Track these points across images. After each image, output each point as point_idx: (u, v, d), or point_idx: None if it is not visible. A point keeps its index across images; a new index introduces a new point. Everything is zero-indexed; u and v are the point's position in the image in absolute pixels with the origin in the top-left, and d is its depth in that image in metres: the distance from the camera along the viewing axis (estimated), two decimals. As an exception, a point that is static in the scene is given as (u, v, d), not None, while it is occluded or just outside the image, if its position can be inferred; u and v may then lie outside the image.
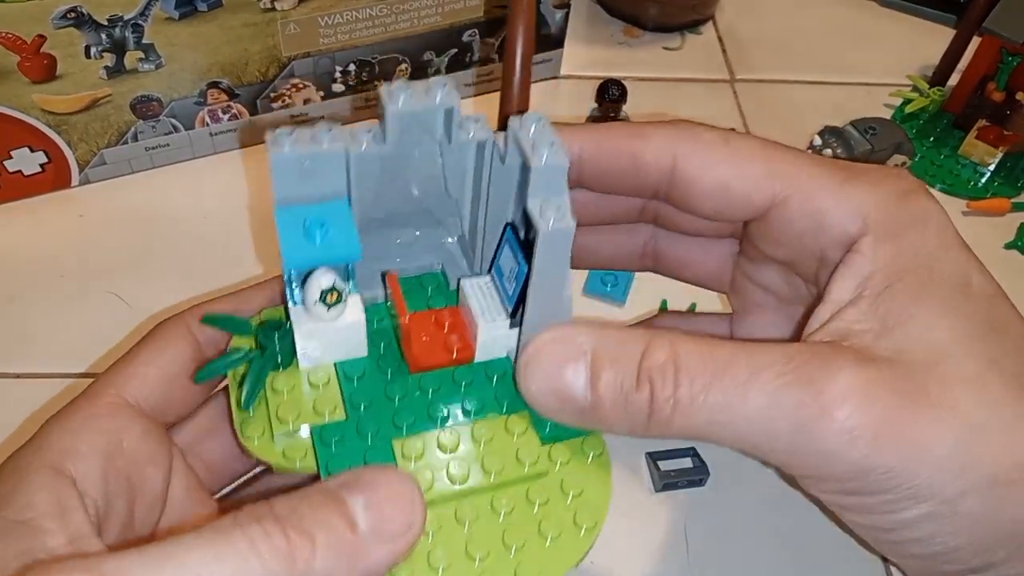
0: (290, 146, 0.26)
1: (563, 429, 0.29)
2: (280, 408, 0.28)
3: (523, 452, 0.28)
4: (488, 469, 0.27)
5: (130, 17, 0.50)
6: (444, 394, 0.29)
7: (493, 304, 0.30)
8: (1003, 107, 0.61)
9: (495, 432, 0.28)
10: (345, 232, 0.27)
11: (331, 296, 0.28)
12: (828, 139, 0.57)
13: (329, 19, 0.55)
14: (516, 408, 0.29)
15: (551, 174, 0.26)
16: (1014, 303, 0.54)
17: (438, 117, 0.28)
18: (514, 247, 0.28)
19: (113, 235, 0.54)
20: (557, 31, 0.64)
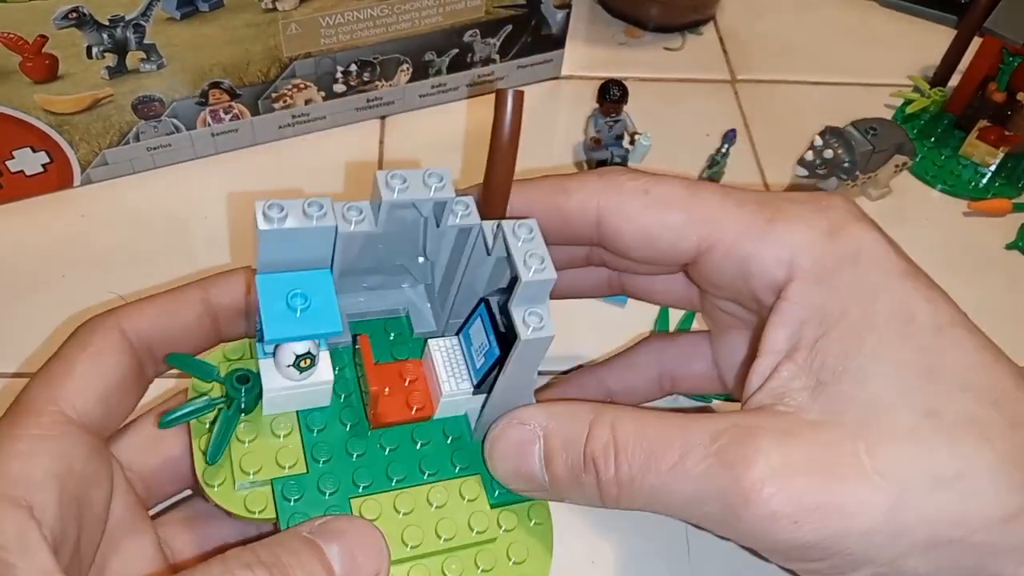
0: (279, 222, 0.26)
1: (512, 495, 0.31)
2: (243, 459, 0.29)
3: (474, 519, 0.30)
4: (440, 534, 0.29)
5: (131, 17, 0.50)
6: (402, 454, 0.30)
7: (458, 369, 0.31)
8: (1004, 108, 0.61)
9: (449, 496, 0.30)
10: (327, 306, 0.28)
11: (305, 361, 0.28)
12: (829, 139, 0.57)
13: (330, 19, 0.55)
14: (469, 471, 0.31)
15: (536, 287, 0.27)
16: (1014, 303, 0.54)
17: (429, 206, 0.29)
18: (487, 326, 0.30)
19: (115, 235, 0.54)
20: (558, 31, 0.64)
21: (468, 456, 0.31)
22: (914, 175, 0.63)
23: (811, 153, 0.57)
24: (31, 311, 0.50)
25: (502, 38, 0.62)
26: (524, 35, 0.62)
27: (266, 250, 0.27)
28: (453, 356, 0.31)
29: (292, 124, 0.60)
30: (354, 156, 0.60)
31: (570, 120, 0.63)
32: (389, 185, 0.27)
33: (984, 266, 0.58)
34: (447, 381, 0.31)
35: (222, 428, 0.29)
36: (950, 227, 0.60)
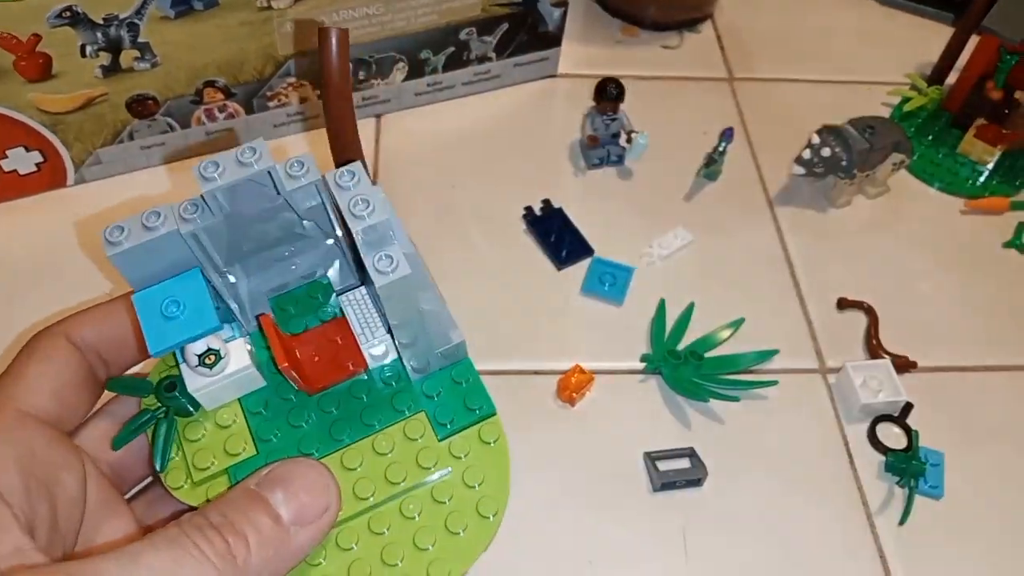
0: (125, 242, 0.27)
1: (459, 423, 0.31)
2: (196, 456, 0.30)
3: (422, 456, 0.30)
4: (392, 480, 0.29)
5: (126, 16, 0.49)
6: (343, 412, 0.31)
7: (371, 318, 0.31)
8: (1001, 106, 0.61)
9: (395, 440, 0.30)
10: (200, 305, 0.28)
11: (209, 358, 0.30)
12: (826, 138, 0.57)
13: (325, 18, 0.54)
14: (411, 409, 0.31)
15: (373, 232, 0.27)
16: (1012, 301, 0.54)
17: (260, 180, 0.28)
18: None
19: (109, 235, 0.54)
20: (555, 29, 0.63)
21: (408, 398, 0.31)
22: (911, 173, 0.63)
23: (809, 151, 0.57)
24: (24, 310, 0.50)
25: (498, 36, 0.62)
26: (520, 33, 0.62)
27: (126, 271, 0.28)
28: (364, 307, 0.31)
29: (287, 123, 0.59)
30: (350, 155, 0.60)
31: (567, 118, 0.63)
32: (204, 175, 0.27)
33: (981, 264, 0.58)
34: (362, 334, 0.31)
35: (161, 436, 0.30)
36: (947, 225, 0.60)
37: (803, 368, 0.51)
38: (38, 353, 0.31)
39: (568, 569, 0.42)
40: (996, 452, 0.49)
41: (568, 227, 0.56)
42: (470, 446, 0.31)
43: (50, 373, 0.30)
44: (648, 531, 0.44)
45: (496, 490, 0.30)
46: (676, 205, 0.59)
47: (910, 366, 0.51)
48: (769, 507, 0.45)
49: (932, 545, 0.45)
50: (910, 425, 0.49)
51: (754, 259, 0.56)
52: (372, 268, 0.26)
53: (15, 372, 0.30)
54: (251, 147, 0.27)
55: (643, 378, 0.50)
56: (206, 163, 0.27)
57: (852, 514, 0.46)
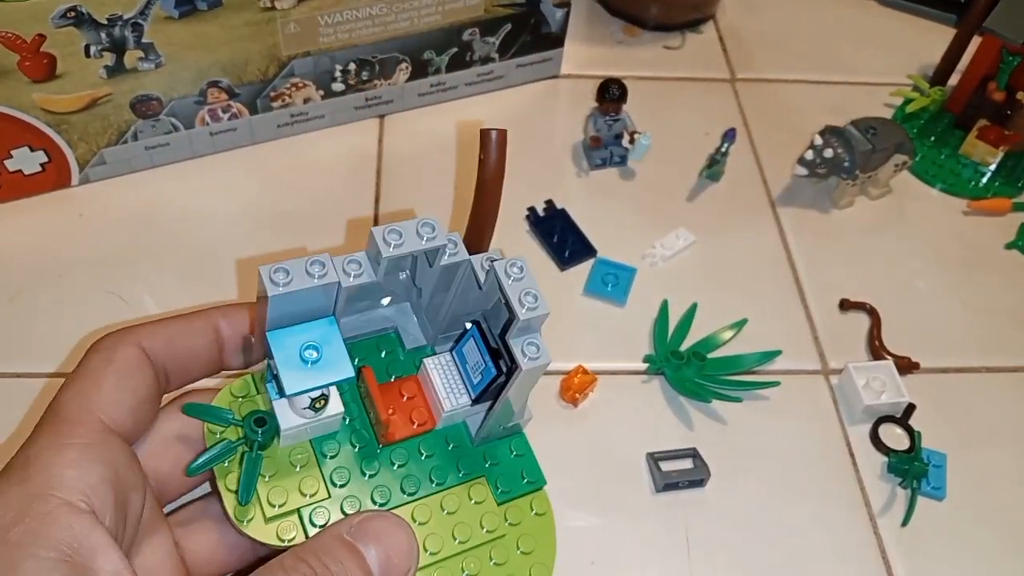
0: (284, 285, 0.28)
1: (514, 488, 0.34)
2: (271, 492, 0.31)
3: (486, 520, 0.33)
4: (457, 537, 0.32)
5: (130, 16, 0.49)
6: (412, 467, 0.33)
7: (455, 384, 0.33)
8: (1004, 107, 0.61)
9: (461, 502, 0.33)
10: (337, 354, 0.30)
11: (319, 402, 0.31)
12: (829, 139, 0.57)
13: (329, 18, 0.55)
14: (474, 473, 0.33)
15: (532, 322, 0.29)
16: (1014, 302, 0.55)
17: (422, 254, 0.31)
18: (480, 347, 0.32)
19: (113, 234, 0.54)
20: (557, 30, 0.64)
21: (471, 462, 0.34)
22: (914, 174, 0.63)
23: (811, 152, 0.57)
24: (28, 310, 0.50)
25: (501, 37, 0.62)
26: (523, 34, 0.62)
27: (274, 311, 0.29)
28: (449, 373, 0.34)
29: (291, 123, 0.59)
30: (353, 155, 0.60)
31: (569, 119, 0.63)
32: (387, 240, 0.30)
33: (984, 265, 0.58)
34: (447, 398, 0.33)
35: (249, 470, 0.30)
36: (950, 226, 0.60)
37: (806, 369, 0.52)
38: (115, 363, 0.30)
39: (571, 569, 0.43)
40: (998, 453, 0.49)
41: (571, 228, 0.56)
42: (523, 515, 0.34)
43: (128, 387, 0.30)
44: (651, 532, 0.44)
45: (546, 558, 0.33)
46: (679, 206, 0.59)
47: (913, 367, 0.51)
48: (772, 508, 0.46)
49: (934, 546, 0.45)
50: (912, 426, 0.49)
51: (757, 260, 0.57)
52: (519, 352, 0.29)
53: (92, 380, 0.29)
54: (429, 224, 0.30)
55: (646, 379, 0.50)
56: (389, 231, 0.30)
57: (855, 515, 0.46)
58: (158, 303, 0.51)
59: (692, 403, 0.49)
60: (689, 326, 0.52)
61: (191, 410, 0.31)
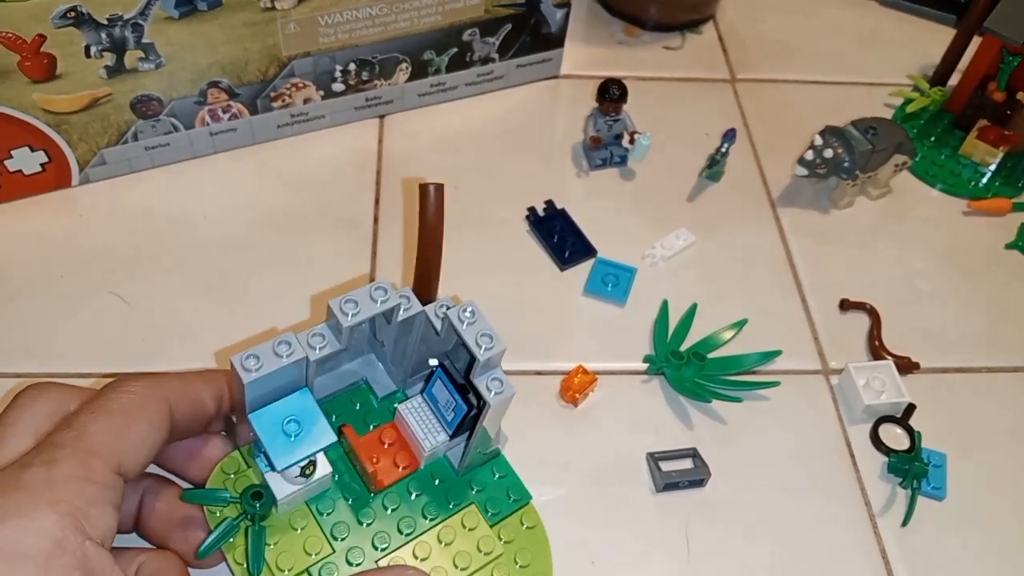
0: (256, 370, 0.30)
1: (502, 508, 0.36)
2: (278, 559, 0.33)
3: (482, 543, 0.35)
4: (459, 565, 0.35)
5: (130, 16, 0.49)
6: (405, 509, 0.35)
7: (431, 424, 0.36)
8: (1004, 107, 0.61)
9: (455, 531, 0.35)
10: (317, 422, 0.32)
11: (309, 468, 0.33)
12: (829, 139, 0.57)
13: (329, 18, 0.55)
14: (463, 502, 0.36)
15: (491, 360, 0.32)
16: (1014, 302, 0.55)
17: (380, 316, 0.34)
18: (448, 385, 0.35)
19: (113, 235, 0.54)
20: (557, 30, 0.64)
21: (459, 492, 0.36)
22: (914, 174, 0.63)
23: (811, 152, 0.57)
24: (28, 310, 0.50)
25: (501, 37, 0.62)
26: (523, 34, 0.62)
27: (251, 394, 0.31)
28: (423, 414, 0.36)
29: (291, 123, 0.59)
30: (353, 156, 0.60)
31: (569, 119, 0.63)
32: (344, 311, 0.32)
33: (984, 265, 0.58)
34: (426, 439, 0.36)
35: (255, 543, 0.33)
36: (950, 226, 0.60)
37: (806, 369, 0.52)
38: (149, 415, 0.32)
39: (571, 569, 0.43)
40: (999, 453, 0.49)
41: (571, 228, 0.56)
42: (516, 531, 0.36)
43: (151, 443, 0.32)
44: (651, 531, 0.44)
45: (544, 567, 0.36)
46: (679, 206, 0.59)
47: (913, 367, 0.51)
48: (772, 508, 0.46)
49: (935, 546, 0.45)
50: (913, 426, 0.49)
51: (757, 260, 0.57)
52: (484, 388, 0.32)
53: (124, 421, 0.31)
54: (381, 287, 0.33)
55: (646, 379, 0.50)
56: (345, 301, 0.32)
57: (855, 515, 0.46)
58: (158, 303, 0.51)
59: (692, 403, 0.49)
60: (689, 326, 0.52)
61: (190, 497, 0.34)
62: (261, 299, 0.51)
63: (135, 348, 0.49)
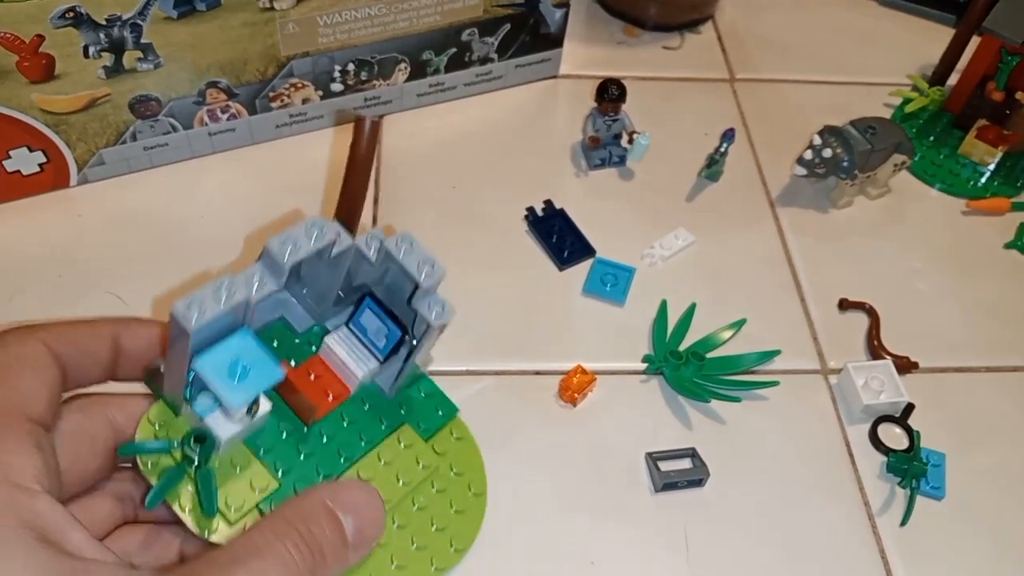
0: (199, 316, 0.30)
1: (432, 423, 0.37)
2: (227, 498, 0.33)
3: (420, 457, 0.36)
4: (401, 479, 0.35)
5: (128, 17, 0.49)
6: (341, 437, 0.36)
7: (361, 353, 0.36)
8: (1003, 107, 0.61)
9: (394, 451, 0.36)
10: (263, 361, 0.32)
11: (255, 407, 0.33)
12: (828, 139, 0.57)
13: (328, 18, 0.55)
14: (396, 423, 0.37)
15: (432, 285, 0.33)
16: (1013, 302, 0.55)
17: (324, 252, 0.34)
18: (379, 313, 0.36)
19: (111, 235, 0.54)
20: (556, 30, 0.64)
21: (390, 414, 0.37)
22: (913, 174, 0.63)
23: (810, 152, 0.57)
24: (28, 310, 0.50)
25: (500, 37, 0.62)
26: (522, 34, 0.62)
27: (196, 340, 0.31)
28: (352, 344, 0.37)
29: (289, 123, 0.59)
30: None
31: (568, 119, 0.63)
32: (282, 250, 0.32)
33: (983, 265, 0.58)
34: (358, 366, 0.36)
35: (205, 485, 0.32)
36: (949, 226, 0.60)
37: (804, 369, 0.52)
38: (28, 359, 0.31)
39: (570, 569, 0.43)
40: (998, 453, 0.49)
41: (570, 228, 0.56)
42: (448, 443, 0.37)
43: (42, 381, 0.31)
44: (650, 531, 0.44)
45: (478, 473, 0.37)
46: (678, 206, 0.59)
47: (912, 367, 0.51)
48: (771, 508, 0.46)
49: (934, 546, 0.45)
50: (911, 426, 0.49)
51: (755, 260, 0.57)
52: (426, 309, 0.33)
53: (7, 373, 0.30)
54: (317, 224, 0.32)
55: (645, 379, 0.50)
56: (283, 240, 0.32)
57: (854, 515, 0.46)
58: (157, 303, 0.51)
59: (691, 403, 0.49)
60: (688, 326, 0.52)
61: (126, 450, 0.33)
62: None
63: (134, 348, 0.49)
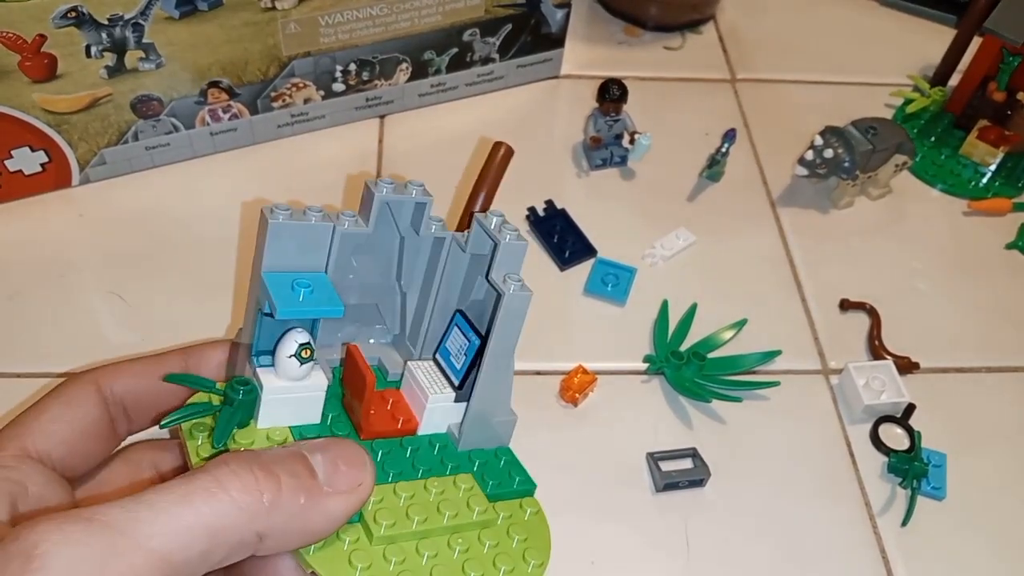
0: (285, 217, 0.29)
1: (504, 489, 0.32)
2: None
3: (473, 502, 0.31)
4: (445, 512, 0.30)
5: (130, 16, 0.49)
6: (394, 456, 0.32)
7: (439, 381, 0.33)
8: (1004, 107, 0.61)
9: (445, 486, 0.31)
10: (328, 293, 0.30)
11: (306, 352, 0.30)
12: (829, 139, 0.57)
13: (329, 18, 0.55)
14: (461, 470, 0.32)
15: (512, 252, 0.31)
16: (1014, 302, 0.55)
17: (410, 209, 0.33)
18: (464, 327, 0.33)
19: (113, 234, 0.54)
20: (558, 30, 0.64)
21: (457, 459, 0.33)
22: (914, 174, 0.63)
23: (811, 152, 0.57)
24: (28, 310, 0.50)
25: (502, 37, 0.62)
26: (524, 34, 0.62)
27: (272, 245, 0.30)
28: (432, 373, 0.34)
29: (291, 123, 0.59)
30: (354, 155, 0.60)
31: (569, 119, 0.63)
32: (378, 188, 0.31)
33: (984, 266, 0.58)
34: (431, 388, 0.33)
35: (225, 417, 0.30)
36: (950, 227, 0.60)
37: (805, 369, 0.52)
38: (62, 397, 0.31)
39: (571, 569, 0.43)
40: (998, 453, 0.49)
41: (571, 228, 0.56)
42: (513, 510, 0.32)
43: (67, 419, 0.31)
44: (651, 531, 0.44)
45: (540, 545, 0.31)
46: (679, 206, 0.59)
47: (912, 367, 0.51)
48: (772, 507, 0.46)
49: (934, 546, 0.45)
50: (912, 426, 0.49)
51: (757, 260, 0.57)
52: (501, 280, 0.30)
53: (35, 412, 0.31)
54: (417, 183, 0.32)
55: (646, 379, 0.50)
56: (380, 180, 0.31)
57: (855, 515, 0.46)
58: (158, 303, 0.51)
59: (692, 403, 0.49)
60: (689, 326, 0.52)
61: (173, 378, 0.31)
62: (261, 299, 0.51)
63: (135, 348, 0.49)
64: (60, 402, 0.31)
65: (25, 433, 0.30)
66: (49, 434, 0.30)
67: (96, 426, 0.31)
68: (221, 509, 0.23)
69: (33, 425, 0.30)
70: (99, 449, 0.32)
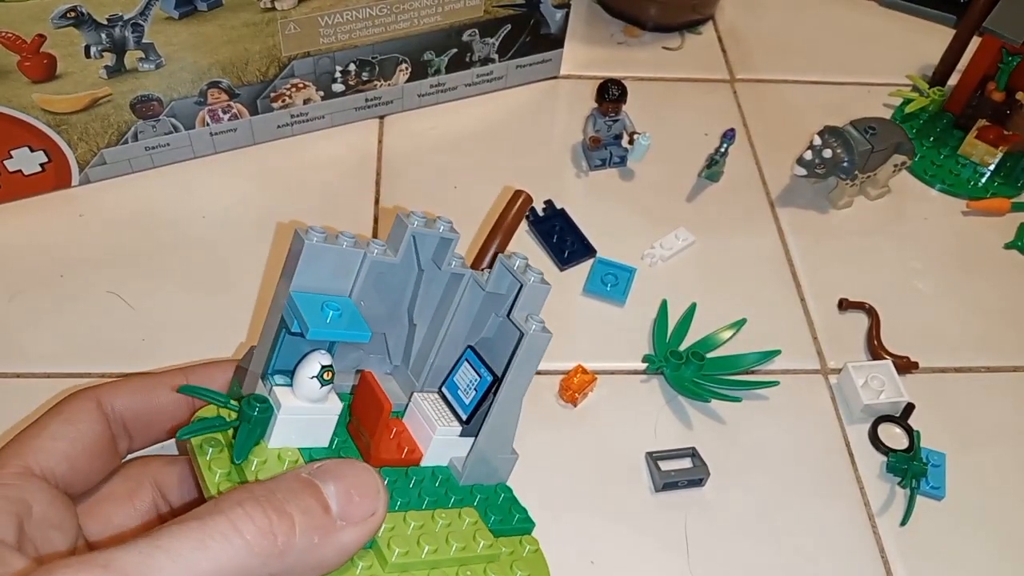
0: (319, 240, 0.30)
1: (506, 525, 0.33)
2: (259, 472, 0.30)
3: (479, 535, 0.32)
4: (451, 543, 0.31)
5: (130, 17, 0.49)
6: (400, 486, 0.32)
7: (445, 414, 0.34)
8: (1003, 107, 0.61)
9: (452, 519, 0.32)
10: (355, 317, 0.31)
11: (328, 374, 0.31)
12: (828, 139, 0.57)
13: (329, 19, 0.55)
14: (464, 503, 0.33)
15: (536, 293, 0.32)
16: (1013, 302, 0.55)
17: (435, 243, 0.34)
18: (475, 363, 0.34)
19: (113, 235, 0.54)
20: (557, 30, 0.64)
21: (460, 492, 0.33)
22: (913, 174, 0.63)
23: (810, 152, 0.57)
24: (28, 310, 0.50)
25: (501, 37, 0.62)
26: (523, 34, 0.62)
27: (305, 266, 0.30)
28: (438, 405, 0.34)
29: (291, 124, 0.59)
30: (353, 156, 0.60)
31: (569, 120, 0.63)
32: (410, 220, 0.32)
33: (983, 265, 0.58)
34: (439, 420, 0.33)
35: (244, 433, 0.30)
36: (949, 226, 0.60)
37: (805, 369, 0.52)
38: (63, 414, 0.31)
39: (570, 569, 0.43)
40: (997, 453, 0.49)
41: (571, 228, 0.56)
42: (515, 547, 0.33)
43: (68, 436, 0.31)
44: (650, 531, 0.44)
45: None
46: (678, 206, 0.59)
47: (911, 367, 0.51)
48: (771, 507, 0.46)
49: (934, 546, 0.45)
50: (911, 426, 0.49)
51: (756, 260, 0.57)
52: (522, 320, 0.31)
53: (36, 429, 0.31)
54: (445, 220, 0.33)
55: (645, 378, 0.50)
56: (412, 213, 0.32)
57: (854, 514, 0.46)
58: (158, 303, 0.51)
59: (691, 403, 0.49)
60: (688, 326, 0.52)
61: (187, 389, 0.31)
62: (261, 300, 0.51)
63: (135, 348, 0.49)
64: (61, 419, 0.31)
65: (27, 451, 0.30)
66: (51, 451, 0.30)
67: (98, 443, 0.32)
68: (236, 555, 0.23)
69: (35, 443, 0.30)
70: (101, 466, 0.32)
